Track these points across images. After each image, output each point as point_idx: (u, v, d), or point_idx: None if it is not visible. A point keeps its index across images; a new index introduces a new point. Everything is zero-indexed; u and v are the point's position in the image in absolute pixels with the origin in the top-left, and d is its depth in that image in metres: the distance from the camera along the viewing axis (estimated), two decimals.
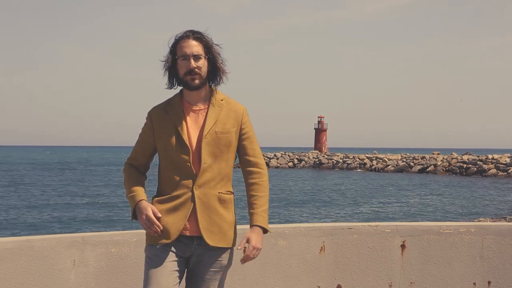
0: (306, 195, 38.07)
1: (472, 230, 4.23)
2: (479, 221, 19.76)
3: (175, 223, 2.95)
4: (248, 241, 2.98)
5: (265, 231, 3.03)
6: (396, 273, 4.18)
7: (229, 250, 3.04)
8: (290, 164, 75.80)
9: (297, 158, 77.17)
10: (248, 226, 3.04)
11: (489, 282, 4.22)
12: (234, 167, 3.04)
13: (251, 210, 3.04)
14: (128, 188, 3.03)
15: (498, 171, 57.51)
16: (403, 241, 4.19)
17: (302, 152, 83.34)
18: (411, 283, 4.18)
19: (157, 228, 2.91)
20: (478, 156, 65.51)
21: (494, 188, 43.65)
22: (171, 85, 3.06)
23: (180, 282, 2.98)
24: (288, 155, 79.98)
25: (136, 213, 2.97)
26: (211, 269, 2.99)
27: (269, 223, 3.12)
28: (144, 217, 2.92)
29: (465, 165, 60.77)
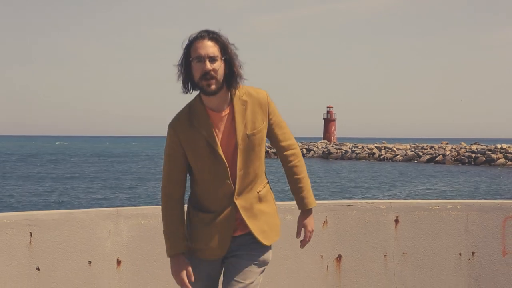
0: (314, 179, 38.77)
1: (458, 207, 4.71)
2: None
3: (221, 240, 2.89)
4: (304, 226, 3.02)
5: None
6: (390, 245, 4.65)
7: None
8: None
9: (306, 148, 77.25)
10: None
11: (473, 253, 4.71)
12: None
13: (299, 194, 3.01)
14: (167, 227, 2.92)
15: (507, 161, 57.72)
16: (397, 216, 4.65)
17: (311, 142, 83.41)
18: (403, 253, 4.68)
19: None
20: (486, 146, 65.48)
21: (500, 177, 43.90)
22: (186, 90, 2.84)
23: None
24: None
25: (171, 263, 2.92)
26: (252, 263, 2.92)
27: (279, 200, 3.50)
28: (179, 276, 2.88)
29: (473, 155, 60.89)
